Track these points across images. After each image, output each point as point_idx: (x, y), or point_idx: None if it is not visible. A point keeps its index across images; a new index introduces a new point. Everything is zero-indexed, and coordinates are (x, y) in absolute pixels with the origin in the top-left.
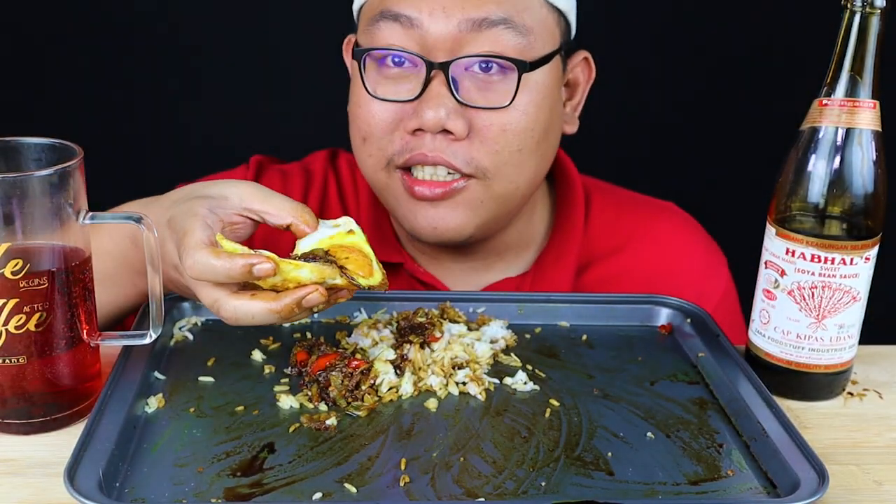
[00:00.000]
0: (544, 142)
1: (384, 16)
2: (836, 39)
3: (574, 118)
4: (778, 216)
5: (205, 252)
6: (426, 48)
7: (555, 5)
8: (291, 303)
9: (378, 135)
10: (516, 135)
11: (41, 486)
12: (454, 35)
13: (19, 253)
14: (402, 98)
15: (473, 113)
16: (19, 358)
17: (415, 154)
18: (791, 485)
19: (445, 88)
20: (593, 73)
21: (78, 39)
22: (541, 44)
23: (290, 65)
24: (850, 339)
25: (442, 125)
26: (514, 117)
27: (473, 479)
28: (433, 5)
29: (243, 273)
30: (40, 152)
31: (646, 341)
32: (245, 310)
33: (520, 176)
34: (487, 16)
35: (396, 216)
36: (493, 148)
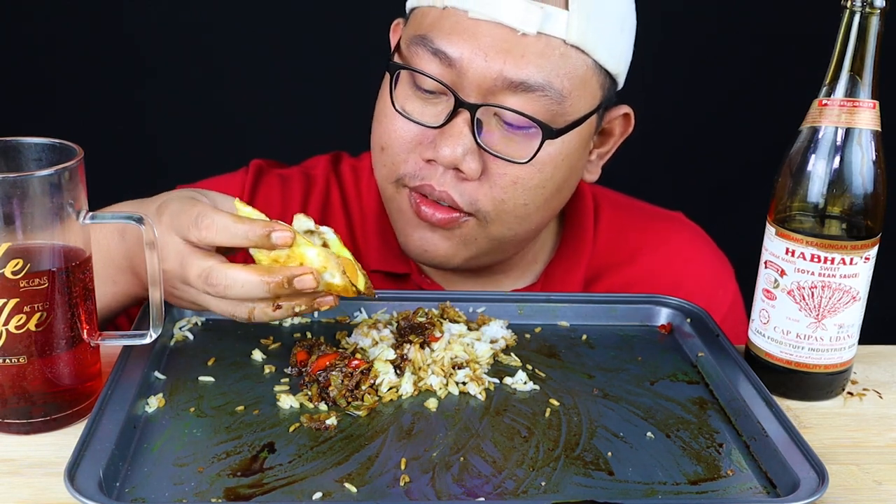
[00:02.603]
0: (555, 198)
1: (425, 45)
2: (836, 39)
3: (597, 166)
4: (778, 216)
5: (225, 215)
6: (459, 85)
7: (604, 66)
8: (283, 279)
9: (395, 149)
10: (526, 190)
11: (41, 486)
12: (489, 85)
13: (19, 253)
14: (425, 122)
15: (489, 158)
16: (19, 358)
17: (423, 184)
18: (791, 484)
19: (468, 128)
20: (631, 128)
21: (78, 39)
22: (576, 108)
23: (291, 66)
24: (850, 338)
25: (456, 163)
26: (529, 173)
27: (473, 478)
28: (475, 50)
29: (262, 237)
30: (40, 152)
31: (646, 341)
32: (238, 278)
33: (520, 226)
34: (526, 80)
35: (395, 229)
36: (500, 196)
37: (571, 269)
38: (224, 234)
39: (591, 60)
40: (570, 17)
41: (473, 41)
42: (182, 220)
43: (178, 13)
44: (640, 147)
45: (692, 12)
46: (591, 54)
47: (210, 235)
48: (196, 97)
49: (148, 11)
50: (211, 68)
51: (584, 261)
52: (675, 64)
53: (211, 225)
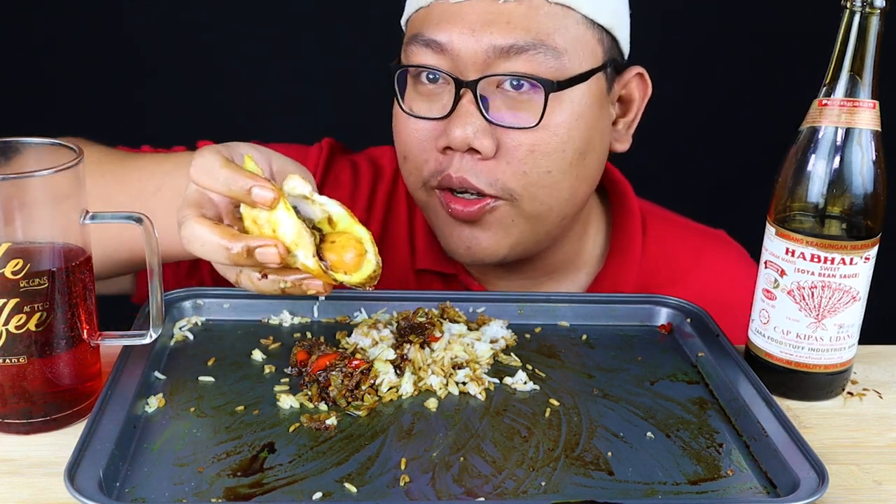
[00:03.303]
0: (579, 163)
1: (417, 40)
2: (836, 39)
3: (626, 136)
4: (778, 216)
5: (216, 157)
6: (457, 69)
7: (596, 22)
8: (243, 249)
9: (415, 153)
10: (545, 155)
11: (41, 486)
12: (483, 58)
13: (19, 253)
14: (433, 115)
15: (502, 132)
16: (19, 358)
17: (443, 177)
18: (791, 484)
19: (474, 107)
20: (649, 89)
21: (78, 39)
22: (576, 62)
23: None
24: (850, 338)
25: (469, 143)
26: (544, 137)
27: (473, 478)
28: (462, 28)
29: (242, 190)
30: (40, 152)
31: (646, 341)
32: (199, 235)
33: (551, 197)
34: (515, 42)
35: (436, 234)
36: (520, 169)
37: (620, 283)
38: (206, 175)
39: (580, 15)
40: None
41: (459, 22)
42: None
43: (178, 13)
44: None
45: (692, 12)
46: (578, 9)
47: (194, 173)
48: (196, 97)
49: (148, 11)
50: (211, 68)
51: (633, 275)
52: (675, 64)
53: (200, 163)
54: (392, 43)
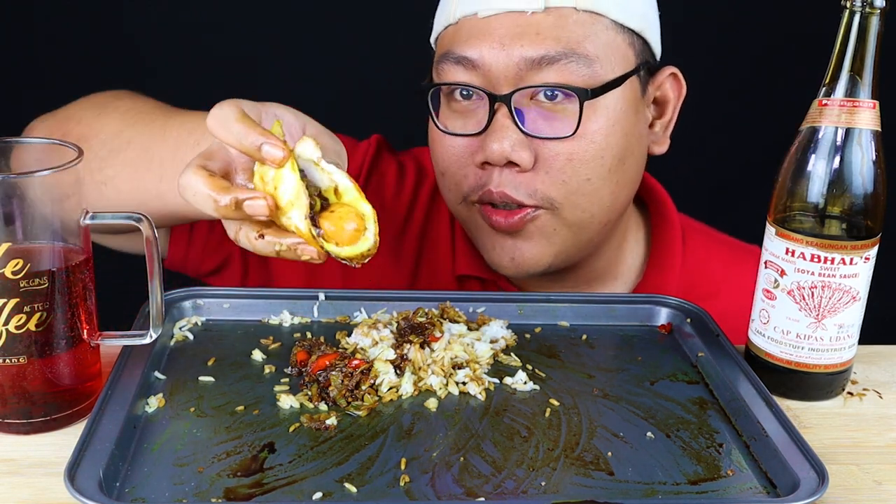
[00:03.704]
0: (619, 168)
1: (448, 58)
2: (836, 39)
3: (664, 137)
4: (778, 216)
5: (233, 110)
6: (490, 84)
7: (626, 26)
8: (232, 201)
9: (453, 169)
10: (584, 163)
11: (41, 486)
12: (515, 71)
13: (19, 253)
14: (469, 132)
15: (539, 143)
16: (20, 358)
17: (484, 192)
18: (791, 484)
19: (509, 120)
20: (684, 88)
21: (78, 39)
22: (609, 69)
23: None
24: (850, 338)
25: (506, 157)
26: (582, 146)
27: (473, 478)
28: (491, 43)
29: (252, 146)
30: (40, 152)
31: (646, 341)
32: (192, 184)
33: (592, 205)
34: (546, 53)
35: (479, 248)
36: (559, 178)
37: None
38: (221, 126)
39: (609, 21)
40: None
41: (489, 37)
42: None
43: (178, 13)
44: None
45: (692, 12)
46: (607, 15)
47: (210, 123)
48: (196, 97)
49: (148, 11)
50: (211, 68)
51: (672, 288)
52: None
53: (217, 114)
54: (392, 43)
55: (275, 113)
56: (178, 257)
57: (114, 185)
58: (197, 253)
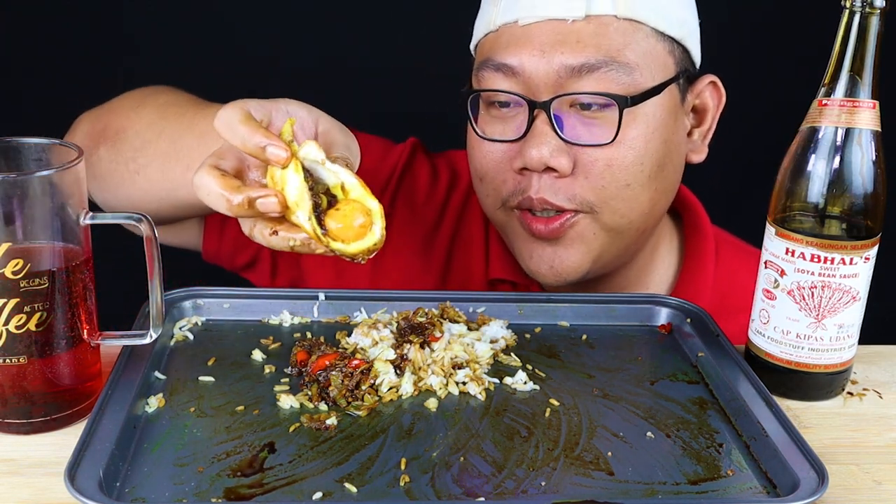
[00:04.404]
0: (658, 175)
1: (488, 65)
2: (836, 39)
3: (702, 146)
4: (778, 216)
5: (238, 112)
6: (529, 91)
7: (666, 34)
8: (244, 200)
9: (491, 174)
10: (623, 170)
11: (41, 486)
12: (555, 78)
13: (20, 253)
14: (508, 138)
15: (578, 150)
16: (20, 358)
17: (524, 198)
18: (791, 484)
19: (548, 127)
20: (723, 97)
21: (78, 39)
22: (649, 76)
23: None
24: (850, 338)
25: (545, 163)
26: (621, 152)
27: (473, 478)
28: (531, 50)
29: (257, 148)
30: (40, 152)
31: (646, 341)
32: (206, 184)
33: (631, 210)
34: (586, 61)
35: (515, 255)
36: (598, 184)
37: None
38: (227, 128)
39: (649, 29)
40: None
41: (529, 44)
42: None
43: (178, 13)
44: None
45: None
46: (647, 23)
47: (218, 124)
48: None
49: (148, 12)
50: (211, 68)
51: (705, 300)
52: None
53: (223, 116)
54: (392, 43)
55: (287, 109)
56: (211, 249)
57: (146, 174)
58: (228, 246)
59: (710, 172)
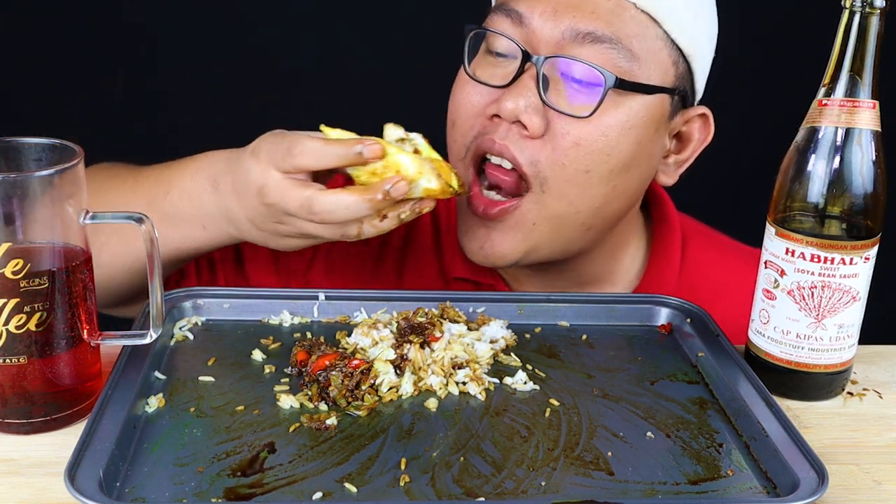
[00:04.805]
0: (621, 174)
1: (501, 9)
2: (836, 39)
3: (675, 172)
4: (778, 216)
5: (315, 139)
6: (530, 45)
7: (676, 43)
8: (381, 193)
9: (464, 118)
10: (589, 153)
11: (41, 486)
12: (558, 39)
13: (20, 253)
14: (494, 83)
15: (554, 117)
16: (20, 358)
17: (485, 139)
18: (791, 484)
19: (533, 83)
20: (710, 134)
21: (78, 39)
22: (646, 74)
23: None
24: (850, 338)
25: (517, 115)
26: (592, 135)
27: (473, 478)
28: (545, 6)
29: (354, 154)
30: (40, 152)
31: (646, 341)
32: (340, 202)
33: (581, 200)
34: (594, 31)
35: (459, 228)
36: (560, 159)
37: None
38: (317, 157)
39: (662, 31)
40: None
41: (545, 1)
42: (276, 152)
43: (178, 13)
44: None
45: None
46: (662, 24)
47: (305, 161)
48: (196, 97)
49: (148, 12)
50: (211, 68)
51: (670, 291)
52: None
53: (304, 151)
54: (392, 43)
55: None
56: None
57: (108, 249)
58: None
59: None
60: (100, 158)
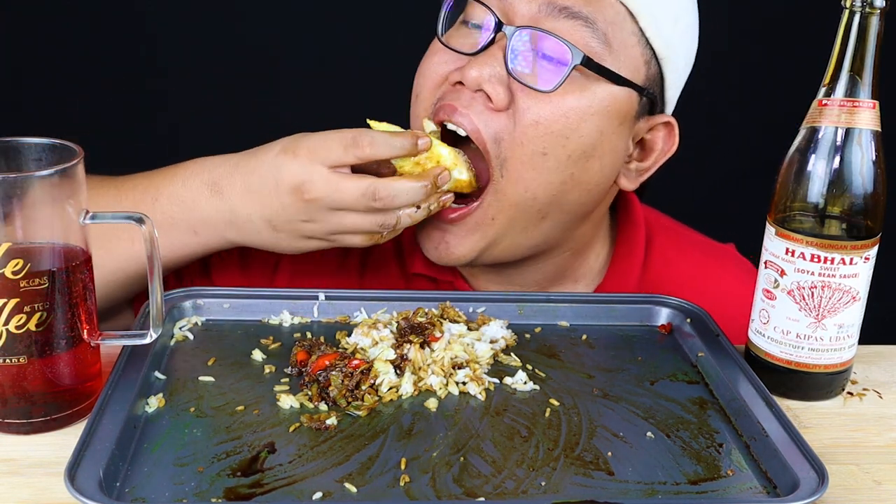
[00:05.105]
0: (579, 163)
1: None
2: (836, 39)
3: (635, 179)
4: (778, 216)
5: (378, 132)
6: (505, 16)
7: (650, 42)
8: (432, 179)
9: (428, 87)
10: (548, 135)
11: (41, 486)
12: (534, 13)
13: (20, 253)
14: (463, 50)
15: (518, 89)
16: (20, 358)
17: (445, 105)
18: (791, 484)
19: (501, 53)
20: (674, 145)
21: (78, 39)
22: (616, 63)
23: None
24: (850, 338)
25: (480, 84)
26: (553, 115)
27: (473, 478)
28: None
29: (412, 145)
30: (40, 152)
31: (646, 341)
32: (403, 186)
33: (537, 184)
34: (570, 6)
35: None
36: (519, 137)
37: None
38: (386, 146)
39: (637, 28)
40: None
41: None
42: (332, 146)
43: (177, 14)
44: None
45: None
46: (639, 20)
47: (375, 150)
48: (196, 97)
49: (148, 12)
50: (211, 68)
51: (632, 288)
52: None
53: (373, 142)
54: (392, 43)
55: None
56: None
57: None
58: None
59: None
60: (100, 158)
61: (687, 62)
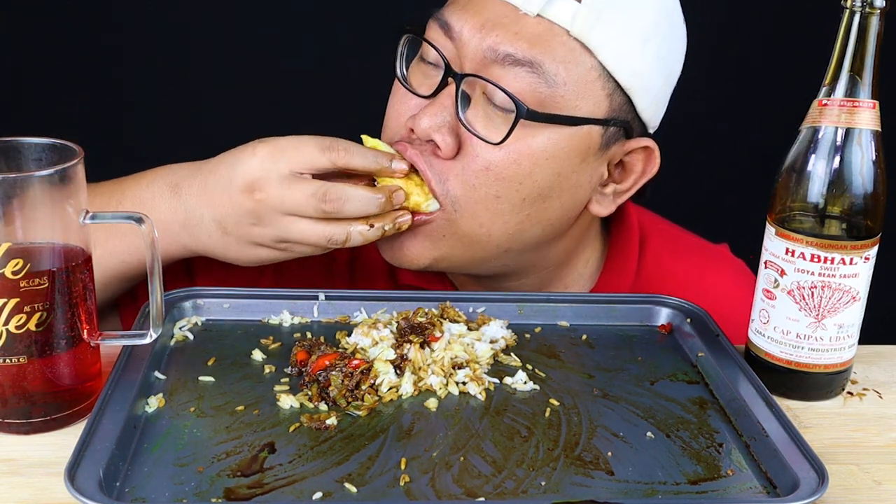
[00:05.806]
0: (536, 203)
1: (438, 18)
2: (836, 39)
3: (611, 203)
4: (777, 216)
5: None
6: (457, 60)
7: (612, 75)
8: (387, 194)
9: (391, 124)
10: (500, 180)
11: (41, 486)
12: (481, 57)
13: (19, 253)
14: (420, 92)
15: (467, 138)
16: (20, 358)
17: (400, 145)
18: (791, 484)
19: (451, 101)
20: (655, 167)
21: (78, 39)
22: (570, 103)
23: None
24: (850, 338)
25: (429, 135)
26: (503, 162)
27: (473, 478)
28: (475, 22)
29: (388, 162)
30: (40, 152)
31: (646, 341)
32: (356, 193)
33: (493, 224)
34: (513, 53)
35: None
36: (471, 181)
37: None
38: (361, 157)
39: (596, 62)
40: (580, 9)
41: (476, 15)
42: (306, 148)
43: (178, 14)
44: None
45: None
46: (596, 54)
47: (350, 157)
48: (196, 97)
49: (148, 12)
50: (211, 68)
51: (627, 291)
52: None
53: (349, 148)
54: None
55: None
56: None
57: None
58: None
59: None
60: (100, 158)
61: (667, 79)
